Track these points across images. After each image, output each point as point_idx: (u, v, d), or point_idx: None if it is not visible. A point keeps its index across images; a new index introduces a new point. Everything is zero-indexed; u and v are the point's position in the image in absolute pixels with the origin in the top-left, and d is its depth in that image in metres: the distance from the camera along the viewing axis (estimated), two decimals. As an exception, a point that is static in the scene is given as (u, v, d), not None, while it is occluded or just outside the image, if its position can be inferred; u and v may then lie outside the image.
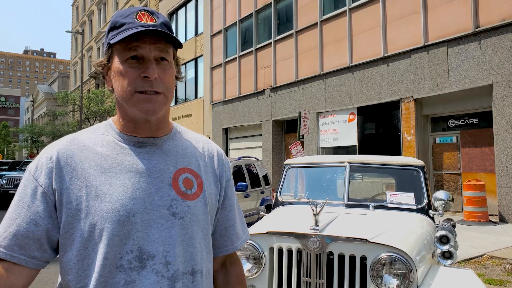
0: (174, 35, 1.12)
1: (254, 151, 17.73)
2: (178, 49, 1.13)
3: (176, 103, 24.12)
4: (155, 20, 1.04)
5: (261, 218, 3.51)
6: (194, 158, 1.15)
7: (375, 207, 3.33)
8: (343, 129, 13.56)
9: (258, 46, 17.35)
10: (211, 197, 1.14)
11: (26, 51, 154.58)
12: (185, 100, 23.33)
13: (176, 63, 1.12)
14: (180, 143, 1.15)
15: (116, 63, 1.03)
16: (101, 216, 0.97)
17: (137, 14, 1.03)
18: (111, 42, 1.01)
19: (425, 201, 3.41)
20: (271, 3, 16.68)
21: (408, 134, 11.32)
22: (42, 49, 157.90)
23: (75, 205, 0.98)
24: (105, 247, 0.96)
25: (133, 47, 1.01)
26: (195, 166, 1.13)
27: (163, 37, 1.03)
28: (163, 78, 1.03)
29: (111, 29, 1.04)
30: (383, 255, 2.40)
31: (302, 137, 11.08)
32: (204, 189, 1.12)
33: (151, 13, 1.05)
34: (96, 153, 1.04)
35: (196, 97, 22.25)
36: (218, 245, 1.21)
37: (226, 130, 19.66)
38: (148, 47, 1.01)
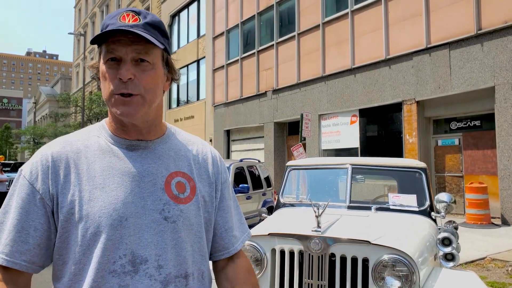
0: (167, 35, 1.09)
1: (256, 153, 17.72)
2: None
3: (178, 105, 24.16)
4: (139, 20, 1.01)
5: (263, 220, 3.51)
6: (187, 161, 1.14)
7: (377, 209, 3.33)
8: (345, 131, 13.55)
9: (260, 48, 17.36)
10: (205, 200, 1.13)
11: (28, 53, 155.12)
12: (187, 102, 23.36)
13: (166, 64, 1.09)
14: (173, 146, 1.13)
15: (101, 64, 1.03)
16: (94, 221, 0.97)
17: (122, 15, 1.02)
18: (91, 43, 1.01)
19: (427, 203, 3.40)
20: (273, 5, 16.70)
21: (410, 136, 11.31)
22: (44, 51, 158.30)
23: (69, 209, 0.98)
24: (98, 251, 0.96)
25: (110, 49, 1.00)
26: (187, 169, 1.12)
27: (142, 38, 0.99)
28: (141, 79, 1.00)
29: (101, 30, 1.04)
30: (385, 257, 2.40)
31: (304, 139, 11.09)
32: (197, 192, 1.11)
33: (137, 13, 1.02)
34: (89, 156, 1.04)
35: (198, 99, 22.28)
36: (219, 248, 1.20)
37: (228, 132, 19.67)
38: (124, 49, 0.99)
